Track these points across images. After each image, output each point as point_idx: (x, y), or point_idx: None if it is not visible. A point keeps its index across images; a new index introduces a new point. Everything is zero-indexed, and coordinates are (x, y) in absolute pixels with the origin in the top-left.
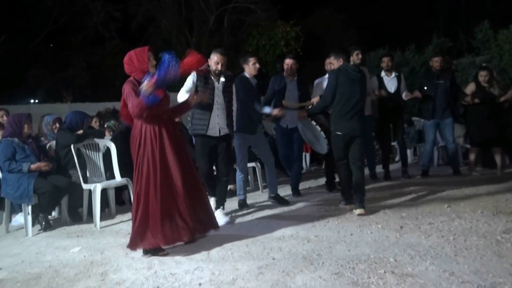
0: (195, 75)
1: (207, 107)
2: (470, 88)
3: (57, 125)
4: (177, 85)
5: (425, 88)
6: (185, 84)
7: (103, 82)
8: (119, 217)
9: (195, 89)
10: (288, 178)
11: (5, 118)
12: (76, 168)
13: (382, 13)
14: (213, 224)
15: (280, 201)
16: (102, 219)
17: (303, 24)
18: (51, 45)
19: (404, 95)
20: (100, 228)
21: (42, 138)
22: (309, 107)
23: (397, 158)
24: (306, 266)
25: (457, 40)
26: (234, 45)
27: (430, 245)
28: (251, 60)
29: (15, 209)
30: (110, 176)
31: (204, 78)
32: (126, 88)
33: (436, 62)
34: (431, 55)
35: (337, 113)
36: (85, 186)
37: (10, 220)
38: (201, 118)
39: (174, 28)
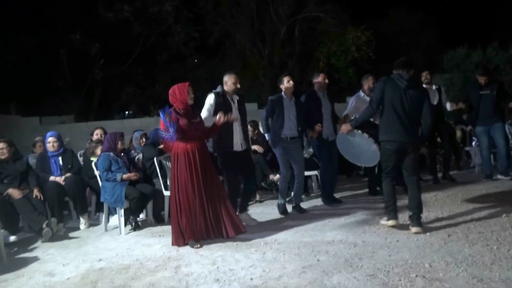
0: (214, 97)
1: (229, 125)
2: None
3: (144, 139)
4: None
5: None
6: (205, 108)
7: None
8: None
9: (217, 109)
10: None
11: (101, 135)
12: (158, 177)
13: (460, 9)
14: (238, 228)
15: (300, 211)
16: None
17: (376, 26)
18: (141, 64)
19: (449, 106)
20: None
21: (132, 151)
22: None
23: (471, 164)
24: (345, 268)
25: None
26: (305, 53)
27: (470, 253)
28: (285, 79)
29: (111, 211)
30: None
31: (223, 98)
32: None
33: (481, 79)
34: None
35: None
36: (166, 193)
37: (108, 220)
38: (226, 136)
39: (248, 41)
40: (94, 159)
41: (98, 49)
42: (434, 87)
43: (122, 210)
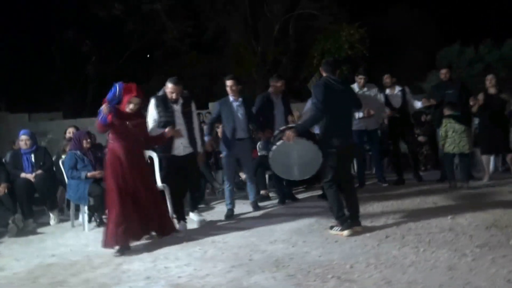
0: (154, 102)
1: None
2: (481, 96)
3: None
4: None
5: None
6: (149, 114)
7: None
8: None
9: (159, 114)
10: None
11: (72, 133)
12: None
13: (458, 5)
14: (171, 228)
15: (255, 208)
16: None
17: (375, 23)
18: (136, 61)
19: (421, 103)
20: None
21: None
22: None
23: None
24: (270, 268)
25: None
26: (299, 50)
27: (395, 255)
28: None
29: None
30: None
31: (163, 103)
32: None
33: (442, 74)
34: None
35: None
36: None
37: (78, 217)
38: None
39: (241, 38)
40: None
41: (90, 46)
42: (397, 90)
43: (86, 207)
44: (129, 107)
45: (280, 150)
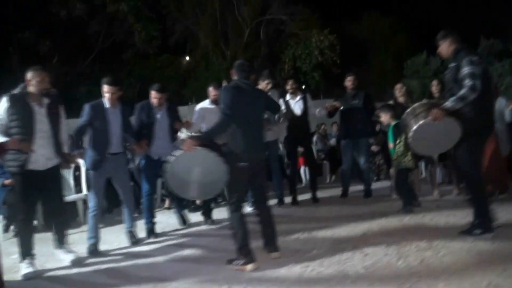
0: (5, 102)
1: (28, 137)
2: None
3: None
4: None
5: (342, 107)
6: None
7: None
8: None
9: (10, 117)
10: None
11: None
12: None
13: (430, 14)
14: None
15: (131, 238)
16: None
17: (349, 29)
18: (103, 62)
19: (324, 108)
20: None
21: None
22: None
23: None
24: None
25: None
26: (271, 55)
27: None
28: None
29: None
30: (79, 190)
31: (23, 102)
32: None
33: (348, 81)
34: None
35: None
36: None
37: None
38: (17, 152)
39: (210, 42)
40: None
41: (49, 47)
42: (299, 96)
43: (1, 216)
44: None
45: (179, 163)
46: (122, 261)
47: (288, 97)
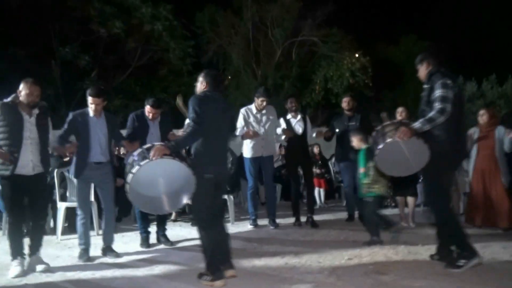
0: None
1: (15, 142)
2: None
3: None
4: None
5: (337, 130)
6: None
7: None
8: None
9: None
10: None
11: None
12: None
13: (466, 38)
14: None
15: (109, 254)
16: (67, 233)
17: (383, 52)
18: (139, 78)
19: (315, 134)
20: (61, 240)
21: None
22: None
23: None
24: None
25: None
26: (302, 76)
27: None
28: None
29: None
30: None
31: (13, 111)
32: None
33: (344, 102)
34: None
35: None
36: (60, 204)
37: None
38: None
39: (242, 61)
40: None
41: (88, 62)
42: (299, 116)
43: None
44: None
45: (143, 174)
46: (101, 269)
47: (289, 116)
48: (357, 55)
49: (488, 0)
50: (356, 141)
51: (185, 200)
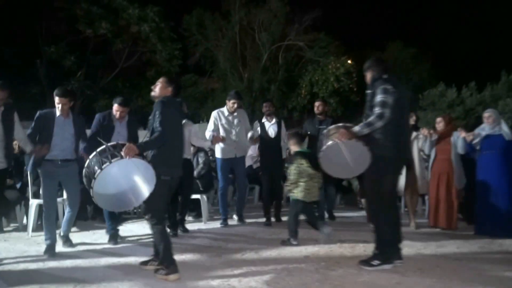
0: None
1: None
2: None
3: None
4: None
5: (309, 133)
6: None
7: None
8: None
9: None
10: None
11: None
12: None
13: (452, 46)
14: None
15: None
16: (38, 230)
17: (369, 58)
18: (124, 79)
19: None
20: (32, 236)
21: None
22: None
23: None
24: None
25: None
26: (288, 80)
27: None
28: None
29: None
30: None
31: None
32: None
33: (315, 107)
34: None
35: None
36: (32, 201)
37: None
38: None
39: (229, 64)
40: None
41: (74, 62)
42: (274, 119)
43: None
44: None
45: (113, 170)
46: (64, 262)
47: (264, 119)
48: (342, 60)
49: (470, 10)
50: (291, 144)
51: (147, 193)
